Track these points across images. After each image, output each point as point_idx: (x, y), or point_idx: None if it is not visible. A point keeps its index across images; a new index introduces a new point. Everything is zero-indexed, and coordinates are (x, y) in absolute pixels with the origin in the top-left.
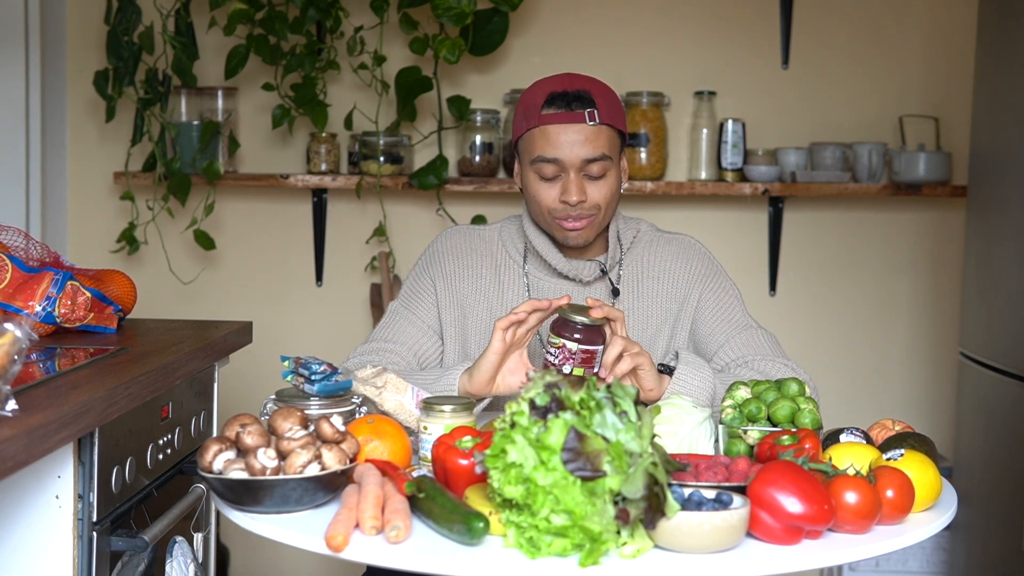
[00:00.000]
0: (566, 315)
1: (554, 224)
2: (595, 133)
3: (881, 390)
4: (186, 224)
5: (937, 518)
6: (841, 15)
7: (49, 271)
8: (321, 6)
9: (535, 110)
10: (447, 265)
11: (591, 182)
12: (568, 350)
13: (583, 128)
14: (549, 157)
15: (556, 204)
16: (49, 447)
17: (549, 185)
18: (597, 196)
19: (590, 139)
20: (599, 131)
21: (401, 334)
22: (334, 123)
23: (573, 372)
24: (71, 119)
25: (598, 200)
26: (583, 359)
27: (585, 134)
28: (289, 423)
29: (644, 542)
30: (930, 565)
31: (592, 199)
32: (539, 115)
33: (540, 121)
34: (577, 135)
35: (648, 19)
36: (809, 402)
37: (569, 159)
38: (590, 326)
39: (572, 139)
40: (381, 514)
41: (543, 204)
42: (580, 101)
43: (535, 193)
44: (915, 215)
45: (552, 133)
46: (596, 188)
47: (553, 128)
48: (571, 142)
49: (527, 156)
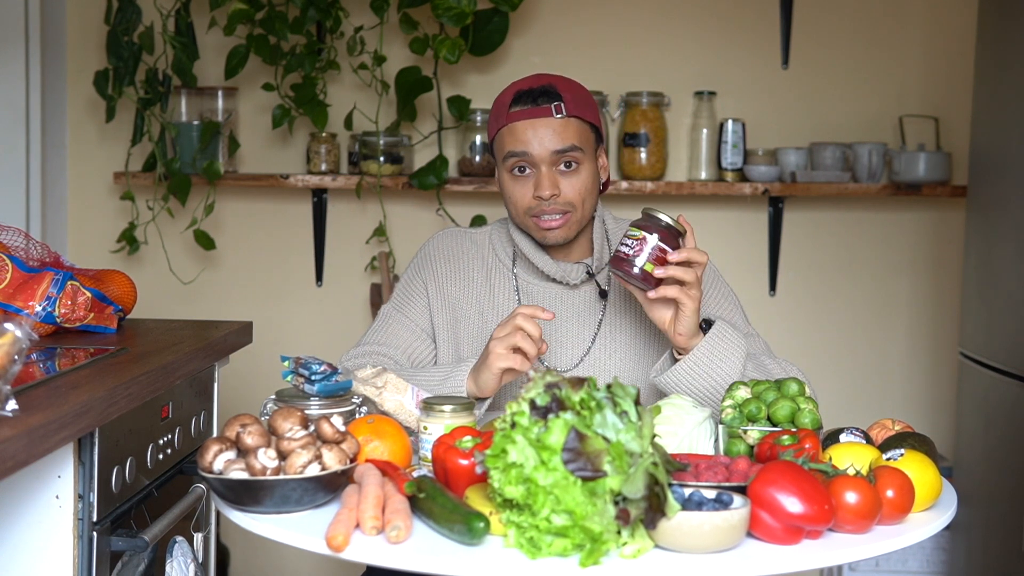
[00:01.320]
0: (653, 212)
1: (531, 223)
2: (562, 125)
3: (881, 390)
4: (186, 224)
5: (937, 518)
6: (841, 15)
7: (49, 271)
8: (321, 6)
9: (503, 109)
10: (438, 268)
11: (564, 176)
12: (646, 243)
13: (550, 121)
14: (518, 151)
15: (531, 201)
16: (49, 447)
17: (523, 183)
18: (570, 191)
19: (558, 131)
20: (567, 123)
21: (394, 337)
22: (334, 123)
23: (644, 267)
24: (71, 119)
25: (571, 196)
26: (656, 257)
27: (552, 127)
28: (289, 423)
29: (644, 542)
30: (930, 565)
31: (565, 194)
32: (507, 114)
33: (508, 119)
34: (544, 129)
35: (648, 19)
36: (809, 402)
37: (538, 152)
38: (673, 227)
39: (540, 133)
40: (381, 514)
41: (518, 204)
42: (546, 96)
43: (510, 193)
44: (915, 215)
45: (519, 129)
46: (569, 182)
47: (520, 124)
48: (539, 136)
49: (500, 155)
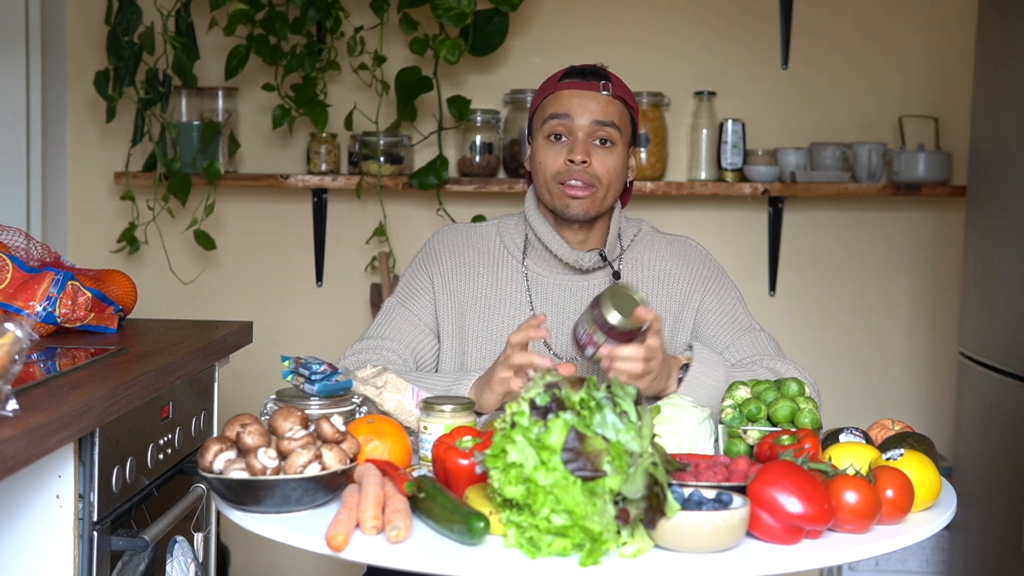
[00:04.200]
0: (607, 304)
1: (556, 190)
2: (607, 102)
3: (881, 390)
4: (186, 224)
5: (937, 518)
6: (841, 15)
7: (50, 271)
8: (321, 6)
9: (552, 81)
10: (444, 262)
11: (597, 150)
12: (594, 338)
13: (596, 95)
14: (561, 113)
15: (562, 166)
16: (49, 447)
17: (558, 148)
18: (600, 167)
19: (602, 104)
20: (611, 102)
21: (398, 331)
22: (334, 123)
23: (593, 357)
24: (71, 119)
25: (600, 171)
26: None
27: (598, 100)
28: (289, 423)
29: (644, 542)
30: (930, 565)
31: (595, 167)
32: (555, 84)
33: (556, 88)
34: (590, 100)
35: (648, 19)
36: (809, 402)
37: (579, 117)
38: (623, 330)
39: (584, 102)
40: (382, 514)
41: (548, 168)
42: (595, 75)
43: (543, 158)
44: (915, 215)
45: (565, 96)
46: (601, 158)
47: (567, 92)
48: (583, 104)
49: (539, 122)
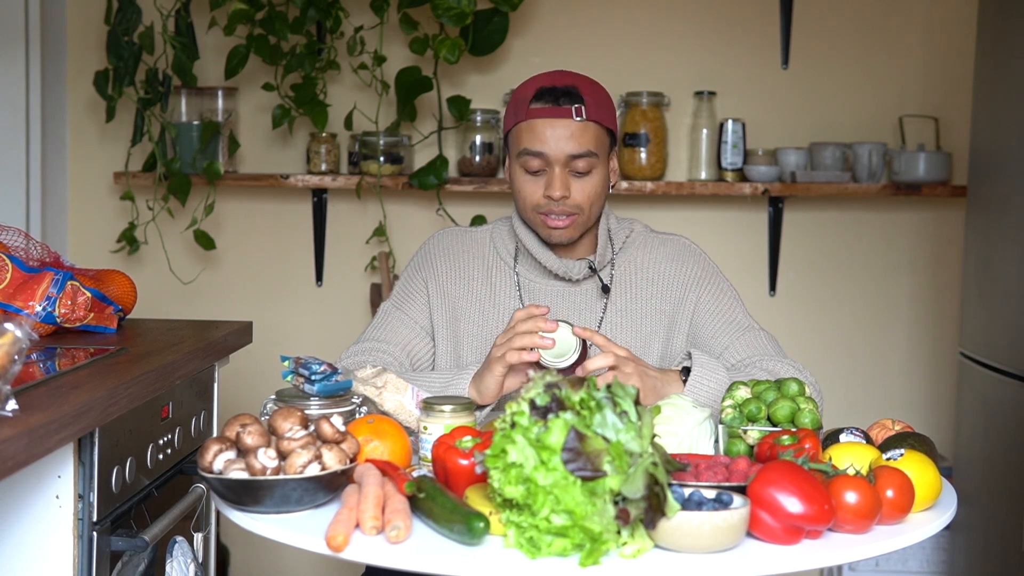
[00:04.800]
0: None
1: (538, 220)
2: (581, 129)
3: (881, 390)
4: (186, 224)
5: (937, 518)
6: (841, 15)
7: (49, 271)
8: (321, 6)
9: (524, 104)
10: (439, 266)
11: (576, 179)
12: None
13: (569, 123)
14: (534, 150)
15: (540, 199)
16: (49, 447)
17: (534, 179)
18: (580, 195)
19: (576, 135)
20: (585, 127)
21: (393, 334)
22: (334, 123)
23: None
24: (71, 119)
25: (580, 200)
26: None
27: (571, 129)
28: (289, 423)
29: (644, 542)
30: (930, 565)
31: (575, 197)
32: (527, 109)
33: (528, 115)
34: (563, 130)
35: (648, 19)
36: (809, 402)
37: (554, 153)
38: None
39: (558, 134)
40: (381, 514)
41: (527, 199)
42: (568, 97)
43: (520, 187)
44: (915, 215)
45: (538, 127)
46: (580, 186)
47: (540, 122)
48: (556, 137)
49: (514, 149)
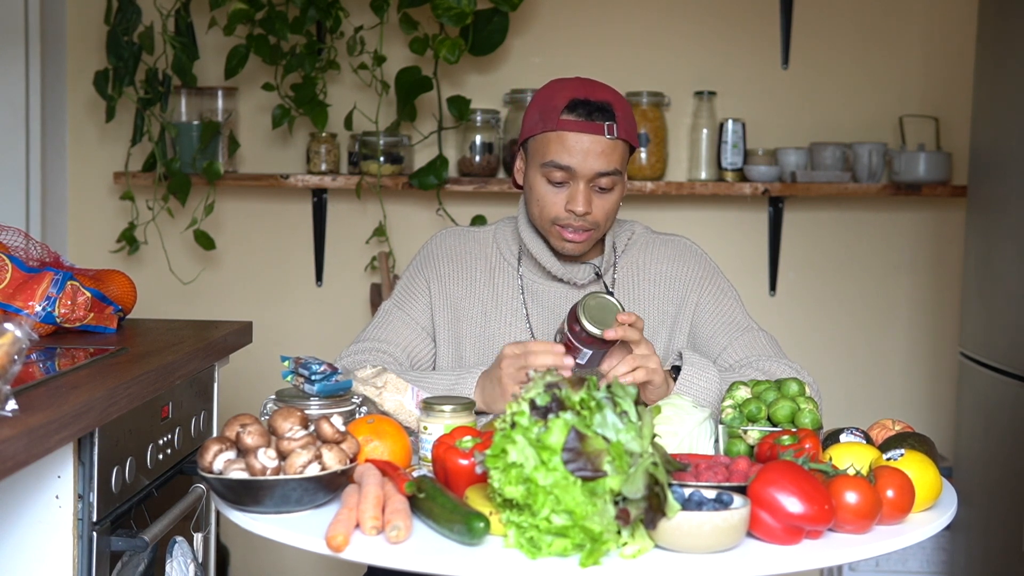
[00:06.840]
0: (583, 318)
1: (553, 231)
2: (611, 147)
3: (881, 390)
4: (186, 224)
5: (937, 518)
6: (841, 15)
7: (49, 271)
8: (321, 6)
9: (554, 113)
10: (441, 267)
11: (598, 195)
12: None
13: (601, 140)
14: (563, 164)
15: (561, 212)
16: (49, 447)
17: (556, 191)
18: (600, 212)
19: (606, 152)
20: (615, 145)
21: (394, 334)
22: (334, 123)
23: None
24: (71, 119)
25: (599, 217)
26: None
27: (602, 147)
28: (289, 423)
29: (644, 542)
30: (930, 565)
31: (595, 214)
32: (558, 119)
33: (559, 126)
34: (594, 146)
35: (648, 19)
36: (809, 402)
37: (582, 169)
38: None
39: (588, 149)
40: (381, 514)
41: (547, 210)
42: (601, 113)
43: (541, 196)
44: (915, 215)
45: (570, 140)
46: (601, 203)
47: (572, 136)
48: (587, 152)
49: (538, 158)
